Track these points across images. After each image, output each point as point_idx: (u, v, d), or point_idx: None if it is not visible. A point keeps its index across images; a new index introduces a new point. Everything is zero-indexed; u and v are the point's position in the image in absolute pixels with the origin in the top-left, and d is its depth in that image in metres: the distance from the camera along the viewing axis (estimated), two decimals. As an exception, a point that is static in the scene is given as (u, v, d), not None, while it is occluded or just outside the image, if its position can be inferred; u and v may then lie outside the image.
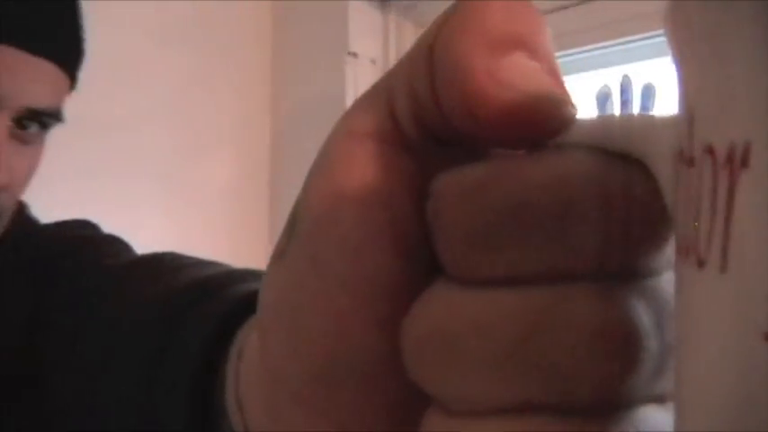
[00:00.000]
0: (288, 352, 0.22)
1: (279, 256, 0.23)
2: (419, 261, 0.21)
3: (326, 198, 0.21)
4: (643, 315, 0.19)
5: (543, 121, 0.19)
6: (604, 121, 0.21)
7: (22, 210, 0.81)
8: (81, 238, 0.74)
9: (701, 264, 0.14)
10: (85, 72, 0.80)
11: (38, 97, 0.72)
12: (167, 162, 1.27)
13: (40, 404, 0.67)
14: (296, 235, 0.22)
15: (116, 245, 0.72)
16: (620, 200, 0.19)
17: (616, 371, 0.18)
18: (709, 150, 0.13)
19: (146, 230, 0.64)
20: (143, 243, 0.70)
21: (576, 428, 0.18)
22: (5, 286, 0.73)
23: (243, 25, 1.33)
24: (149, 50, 1.31)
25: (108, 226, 0.77)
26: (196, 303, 0.43)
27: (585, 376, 0.18)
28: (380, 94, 0.22)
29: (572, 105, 0.20)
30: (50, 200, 0.93)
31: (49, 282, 0.69)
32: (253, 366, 0.27)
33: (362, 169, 0.21)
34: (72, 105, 0.80)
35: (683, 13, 0.15)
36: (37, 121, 0.73)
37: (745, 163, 0.12)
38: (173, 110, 1.19)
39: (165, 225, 1.18)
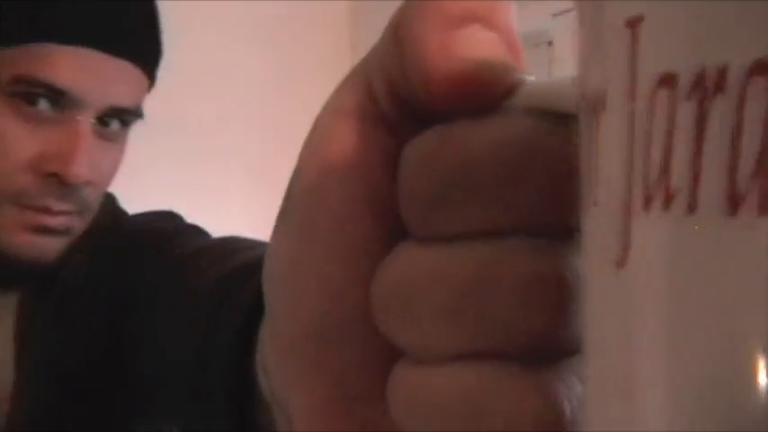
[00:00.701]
0: (284, 311, 0.24)
1: (277, 225, 0.25)
2: (397, 228, 0.22)
3: (313, 172, 0.23)
4: (576, 269, 0.19)
5: (487, 88, 0.20)
6: (558, 84, 0.21)
7: (110, 202, 0.85)
8: (160, 230, 0.77)
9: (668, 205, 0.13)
10: (177, 72, 0.84)
11: (119, 96, 0.76)
12: (254, 156, 1.32)
13: (124, 379, 0.72)
14: (290, 206, 0.24)
15: (194, 234, 0.75)
16: (556, 160, 0.19)
17: (550, 321, 0.19)
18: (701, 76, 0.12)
19: (232, 221, 0.66)
20: (230, 233, 0.73)
21: (520, 377, 0.19)
22: (95, 272, 0.78)
23: (323, 24, 1.36)
24: (237, 50, 1.36)
25: (197, 217, 0.81)
26: (248, 279, 0.45)
27: (523, 325, 0.19)
28: (360, 74, 0.23)
29: (518, 71, 0.21)
30: (146, 191, 0.98)
31: (132, 268, 0.73)
32: (266, 328, 0.28)
33: (344, 145, 0.22)
34: (165, 104, 0.84)
35: None
36: (118, 118, 0.77)
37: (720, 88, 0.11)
38: (259, 106, 1.23)
39: (251, 216, 1.22)
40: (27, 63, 0.71)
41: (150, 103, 0.82)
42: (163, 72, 0.83)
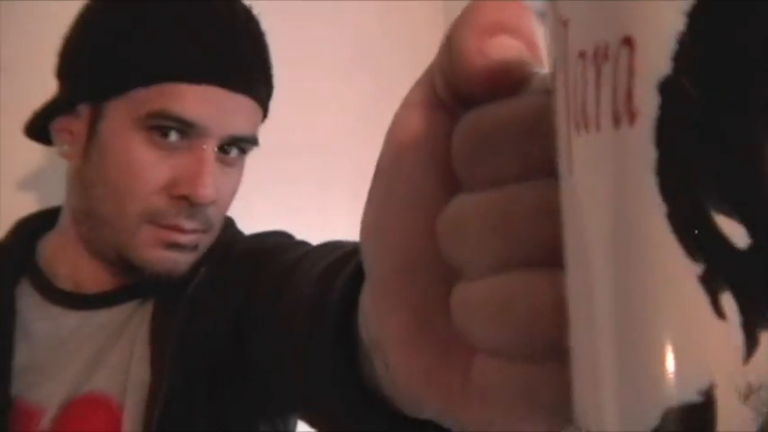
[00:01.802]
0: (374, 256, 0.31)
1: (368, 196, 0.32)
2: (454, 186, 0.29)
3: (393, 150, 0.31)
4: None
5: (510, 78, 0.27)
6: None
7: (229, 224, 0.95)
8: (273, 244, 0.85)
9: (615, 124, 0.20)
10: (285, 101, 0.93)
11: (237, 127, 0.85)
12: (357, 178, 1.39)
13: (246, 380, 0.79)
14: (376, 178, 0.32)
15: (302, 245, 0.83)
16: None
17: (556, 236, 0.25)
18: (625, 42, 0.18)
19: (337, 237, 0.74)
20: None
21: (538, 278, 0.25)
22: (217, 282, 0.86)
23: (420, 48, 1.44)
24: (335, 76, 1.45)
25: (305, 234, 0.89)
26: (351, 260, 0.48)
27: (535, 239, 0.25)
28: (426, 74, 0.31)
29: (535, 66, 0.28)
30: (260, 213, 1.07)
31: (249, 277, 0.80)
32: (365, 282, 0.35)
33: (414, 127, 0.30)
34: (276, 130, 0.93)
35: None
36: (237, 146, 0.87)
37: (631, 46, 0.18)
38: (360, 130, 1.31)
39: (354, 234, 1.29)
40: (160, 100, 0.81)
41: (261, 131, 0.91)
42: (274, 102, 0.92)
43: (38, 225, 0.95)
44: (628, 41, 0.18)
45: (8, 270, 0.89)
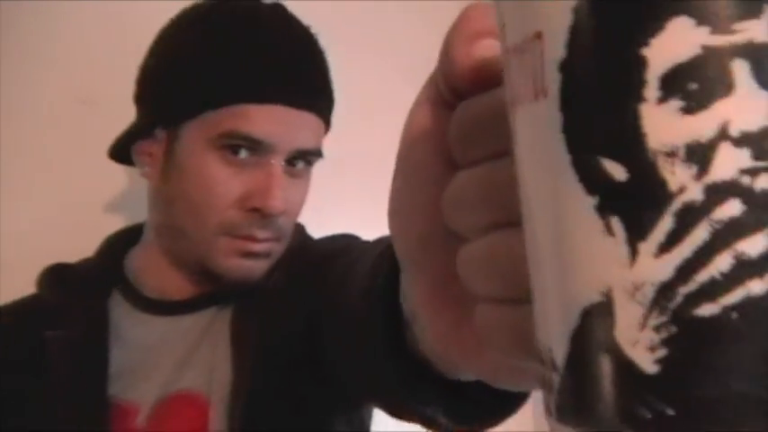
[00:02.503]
0: (398, 235, 0.37)
1: (391, 184, 0.38)
2: (456, 169, 0.35)
3: (407, 140, 0.36)
4: None
5: (493, 73, 0.33)
6: None
7: (300, 230, 1.02)
8: (341, 246, 0.92)
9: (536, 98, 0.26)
10: (347, 113, 1.00)
11: (303, 141, 0.92)
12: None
13: (321, 375, 0.85)
14: (396, 167, 0.38)
15: (365, 245, 0.88)
16: None
17: None
18: (536, 36, 0.24)
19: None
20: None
21: (516, 236, 0.29)
22: (290, 285, 0.93)
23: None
24: (400, 90, 1.51)
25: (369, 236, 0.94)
26: None
27: (511, 204, 0.29)
28: (431, 77, 0.36)
29: None
30: (330, 219, 1.14)
31: (319, 281, 0.86)
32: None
33: (422, 122, 0.36)
34: (342, 143, 1.00)
35: None
36: (303, 159, 0.94)
37: (540, 39, 0.24)
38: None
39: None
40: (230, 121, 0.88)
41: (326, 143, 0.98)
42: (336, 115, 0.99)
43: (125, 240, 1.04)
44: (538, 35, 0.23)
45: (101, 283, 0.98)
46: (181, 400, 0.91)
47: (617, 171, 0.22)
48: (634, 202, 0.22)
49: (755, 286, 0.20)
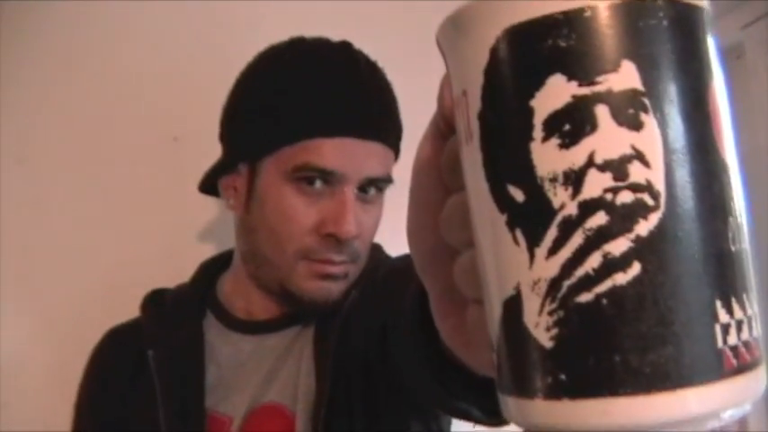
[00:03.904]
0: (413, 251, 0.44)
1: (407, 209, 0.45)
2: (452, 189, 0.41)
3: (415, 170, 0.43)
4: None
5: None
6: None
7: (376, 249, 1.09)
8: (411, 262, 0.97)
9: (467, 141, 0.33)
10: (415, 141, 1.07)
11: (373, 169, 0.99)
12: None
13: (394, 384, 0.91)
14: (409, 193, 0.44)
15: None
16: None
17: None
18: (464, 93, 0.32)
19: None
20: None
21: None
22: (366, 305, 1.00)
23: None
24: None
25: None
26: None
27: None
28: (434, 116, 0.43)
29: None
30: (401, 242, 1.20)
31: (392, 295, 0.92)
32: None
33: (426, 154, 0.42)
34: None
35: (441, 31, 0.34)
36: (374, 186, 1.01)
37: (466, 95, 0.32)
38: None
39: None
40: (304, 155, 0.96)
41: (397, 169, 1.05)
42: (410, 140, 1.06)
43: (216, 266, 1.14)
44: (464, 92, 0.30)
45: (196, 306, 1.08)
46: (268, 411, 0.99)
47: (517, 194, 0.28)
48: (530, 218, 0.28)
49: (620, 278, 0.27)
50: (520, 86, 0.28)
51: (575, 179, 0.27)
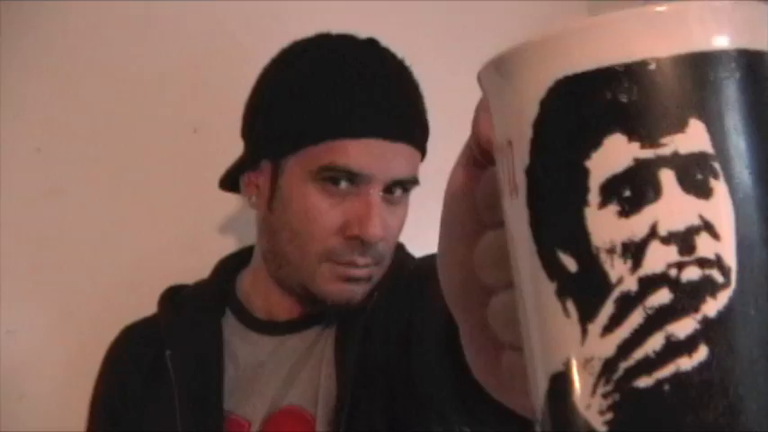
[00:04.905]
0: (444, 282, 0.41)
1: (438, 237, 0.43)
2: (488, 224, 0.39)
3: (448, 198, 0.40)
4: None
5: None
6: None
7: (400, 249, 1.06)
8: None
9: (511, 194, 0.30)
10: (450, 136, 1.04)
11: (399, 171, 0.97)
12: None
13: (414, 386, 0.89)
14: (441, 221, 0.42)
15: None
16: None
17: None
18: (509, 143, 0.30)
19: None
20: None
21: None
22: (389, 307, 0.98)
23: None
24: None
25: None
26: None
27: None
28: (468, 141, 0.41)
29: None
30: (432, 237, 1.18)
31: (415, 297, 0.90)
32: None
33: (460, 182, 0.39)
34: (444, 164, 1.04)
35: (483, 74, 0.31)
36: (400, 187, 0.99)
37: (511, 146, 0.29)
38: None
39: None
40: (329, 155, 0.94)
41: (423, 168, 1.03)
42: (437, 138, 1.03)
43: (236, 263, 1.12)
44: (509, 143, 0.28)
45: (215, 304, 1.06)
46: (288, 415, 0.98)
47: (569, 263, 0.26)
48: (584, 290, 0.25)
49: (684, 363, 0.24)
50: (574, 145, 0.25)
51: (635, 251, 0.25)
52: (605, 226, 0.25)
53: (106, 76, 1.30)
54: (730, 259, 0.24)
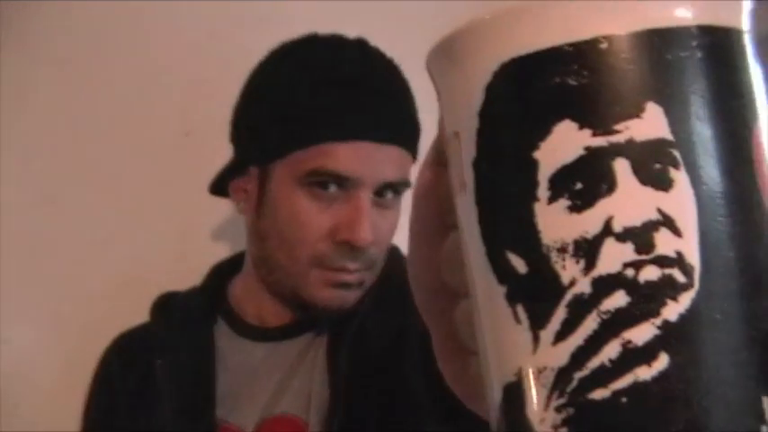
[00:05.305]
0: (414, 285, 0.38)
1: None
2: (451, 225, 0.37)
3: (413, 198, 0.38)
4: None
5: None
6: None
7: (394, 251, 1.04)
8: None
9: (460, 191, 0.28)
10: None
11: (389, 173, 0.95)
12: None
13: (407, 389, 0.87)
14: (409, 223, 0.40)
15: None
16: None
17: None
18: (456, 135, 0.27)
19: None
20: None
21: None
22: (381, 312, 0.96)
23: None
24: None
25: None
26: None
27: None
28: (434, 141, 0.39)
29: None
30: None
31: (408, 302, 0.88)
32: None
33: (426, 183, 0.36)
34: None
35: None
36: (391, 190, 0.96)
37: (458, 138, 0.27)
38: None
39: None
40: (317, 159, 0.92)
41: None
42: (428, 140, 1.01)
43: (228, 269, 1.10)
44: (457, 135, 0.25)
45: (207, 311, 1.04)
46: (281, 422, 0.96)
47: (519, 264, 0.23)
48: (533, 294, 0.23)
49: (643, 373, 0.22)
50: (521, 135, 0.23)
51: (588, 250, 0.22)
52: (556, 223, 0.23)
53: (97, 82, 1.29)
54: (693, 257, 0.22)
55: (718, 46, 0.23)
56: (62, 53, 1.28)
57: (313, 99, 0.94)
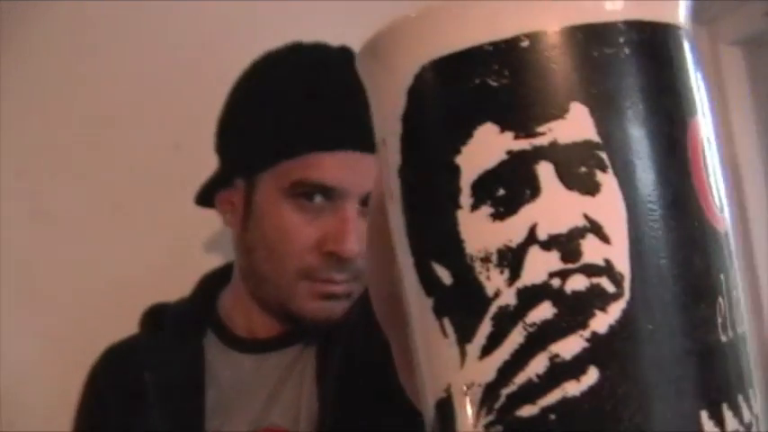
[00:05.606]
0: (371, 291, 0.38)
1: None
2: None
3: (370, 206, 0.36)
4: None
5: None
6: None
7: None
8: None
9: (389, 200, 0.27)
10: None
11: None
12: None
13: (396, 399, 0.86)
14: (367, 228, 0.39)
15: None
16: None
17: None
18: (383, 141, 0.26)
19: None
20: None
21: None
22: (370, 323, 0.94)
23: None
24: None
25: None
26: None
27: None
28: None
29: None
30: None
31: None
32: None
33: (378, 189, 0.36)
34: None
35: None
36: None
37: (385, 145, 0.25)
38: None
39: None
40: (302, 170, 0.91)
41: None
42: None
43: (218, 280, 1.08)
44: (383, 142, 0.24)
45: (197, 323, 1.03)
46: (270, 435, 0.94)
47: (444, 275, 0.22)
48: (459, 307, 0.22)
49: (571, 388, 0.21)
50: (443, 139, 0.22)
51: (512, 260, 0.21)
52: (479, 231, 0.21)
53: (87, 94, 1.28)
54: (623, 265, 0.21)
55: (648, 42, 0.22)
56: (53, 67, 1.28)
57: (297, 108, 0.93)
